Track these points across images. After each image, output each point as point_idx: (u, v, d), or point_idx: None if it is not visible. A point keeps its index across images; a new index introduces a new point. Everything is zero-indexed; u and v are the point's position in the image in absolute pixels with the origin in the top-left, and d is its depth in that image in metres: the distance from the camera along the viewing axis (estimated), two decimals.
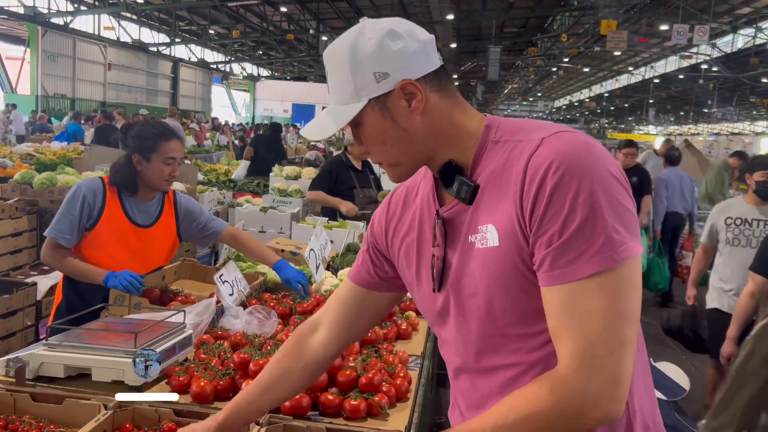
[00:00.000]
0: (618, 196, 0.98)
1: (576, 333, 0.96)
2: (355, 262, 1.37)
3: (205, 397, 1.72)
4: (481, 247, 1.06)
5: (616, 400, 0.96)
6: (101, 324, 2.02)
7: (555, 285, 0.98)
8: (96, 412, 1.61)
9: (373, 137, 1.12)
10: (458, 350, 1.16)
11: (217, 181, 7.46)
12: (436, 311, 1.18)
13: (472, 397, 1.16)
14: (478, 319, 1.09)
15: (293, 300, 2.57)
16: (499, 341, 1.08)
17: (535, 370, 1.05)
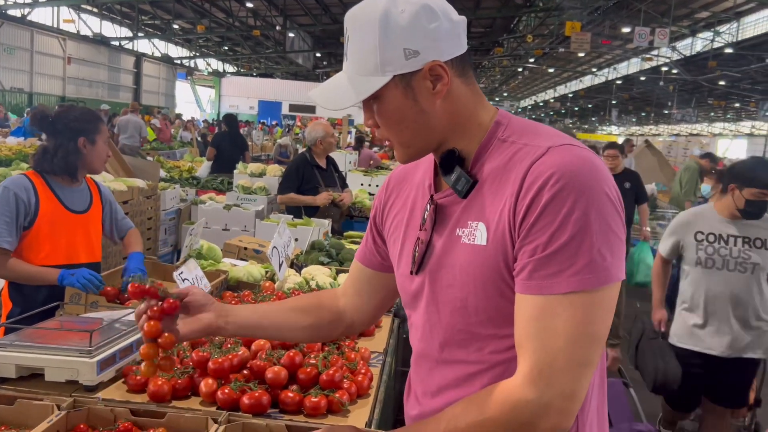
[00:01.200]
0: (610, 220, 0.98)
1: (539, 345, 0.97)
2: (362, 242, 1.38)
3: (162, 396, 1.69)
4: (467, 242, 1.06)
5: (566, 415, 0.98)
6: (55, 323, 1.97)
7: (529, 294, 0.99)
8: (49, 413, 1.57)
9: (390, 115, 1.08)
10: (424, 336, 1.17)
11: (180, 178, 7.34)
12: (410, 293, 1.19)
13: (429, 385, 1.17)
14: (449, 310, 1.10)
15: (255, 298, 2.55)
16: (466, 336, 1.09)
17: (495, 371, 1.06)
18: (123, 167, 5.84)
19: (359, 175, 6.70)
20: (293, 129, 22.40)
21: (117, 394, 1.73)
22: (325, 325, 1.37)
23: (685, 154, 17.22)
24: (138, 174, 5.82)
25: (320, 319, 1.37)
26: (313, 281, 3.01)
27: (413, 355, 1.24)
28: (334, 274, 3.25)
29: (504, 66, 34.92)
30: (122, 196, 4.97)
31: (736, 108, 41.49)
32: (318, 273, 3.19)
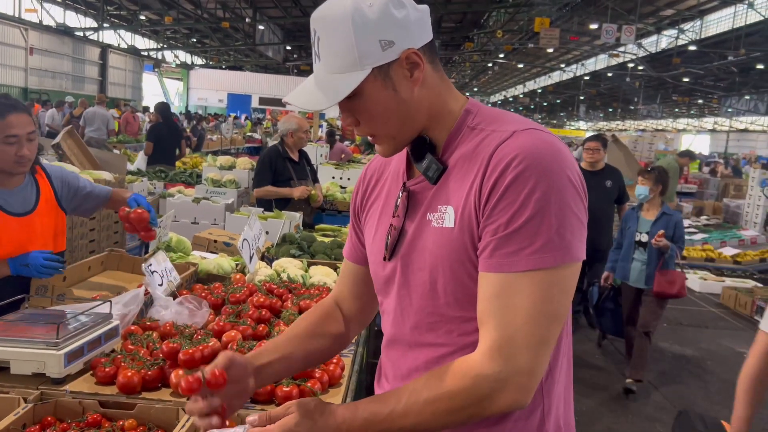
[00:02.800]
0: (571, 202, 1.01)
1: (499, 321, 1.00)
2: (347, 239, 1.39)
3: (132, 387, 1.68)
4: (436, 226, 1.09)
5: (524, 391, 1.01)
6: (20, 315, 1.93)
7: (491, 272, 1.01)
8: (15, 406, 1.55)
9: (371, 109, 1.09)
10: (395, 321, 1.19)
11: (147, 172, 7.23)
12: (383, 279, 1.21)
13: (400, 368, 1.20)
14: (420, 294, 1.12)
15: (226, 290, 2.54)
16: (435, 319, 1.11)
17: (464, 353, 1.08)
18: (89, 160, 5.73)
19: (331, 169, 6.69)
20: (265, 122, 22.20)
21: (85, 387, 1.71)
22: (337, 339, 1.37)
23: (650, 148, 17.57)
24: (105, 167, 5.71)
25: (332, 337, 1.36)
26: (284, 273, 3.01)
27: (384, 341, 1.26)
28: (305, 267, 3.25)
29: (474, 61, 35.15)
30: None
31: (699, 104, 42.48)
32: (289, 265, 3.18)
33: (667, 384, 4.85)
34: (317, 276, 3.05)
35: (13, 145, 2.20)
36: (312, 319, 1.37)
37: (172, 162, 8.05)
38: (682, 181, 12.66)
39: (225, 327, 2.06)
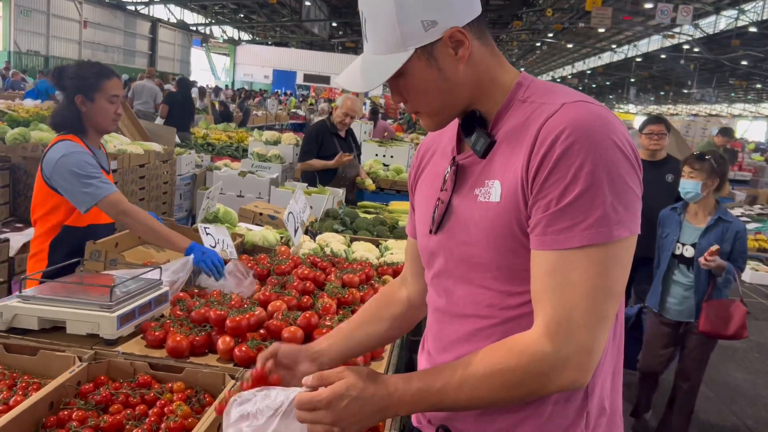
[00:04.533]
0: (624, 175, 0.98)
1: (556, 300, 0.98)
2: (408, 216, 1.39)
3: (180, 351, 1.72)
4: (482, 200, 1.08)
5: (583, 370, 0.99)
6: (76, 278, 2.00)
7: (544, 250, 0.99)
8: (71, 364, 1.61)
9: (416, 87, 1.10)
10: (439, 293, 1.20)
11: (195, 144, 7.36)
12: (428, 252, 1.21)
13: (442, 340, 1.20)
14: (464, 267, 1.12)
15: (272, 261, 2.57)
16: (479, 292, 1.11)
17: (506, 327, 1.07)
18: (139, 131, 5.86)
19: (374, 146, 6.68)
20: (308, 99, 22.29)
21: (136, 349, 1.76)
22: (400, 326, 1.41)
23: (703, 134, 16.97)
24: (154, 139, 5.84)
25: (394, 319, 1.39)
26: (328, 248, 3.03)
27: (428, 313, 1.27)
28: (348, 242, 3.26)
29: (522, 40, 34.43)
30: (139, 159, 5.00)
31: (758, 89, 40.73)
32: (332, 240, 3.20)
33: (712, 376, 4.73)
34: (359, 251, 3.06)
35: (114, 104, 2.48)
36: (374, 305, 1.42)
37: (185, 128, 8.66)
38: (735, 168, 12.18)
39: (270, 297, 2.09)
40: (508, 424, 1.10)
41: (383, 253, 3.13)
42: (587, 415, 1.10)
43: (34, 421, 1.40)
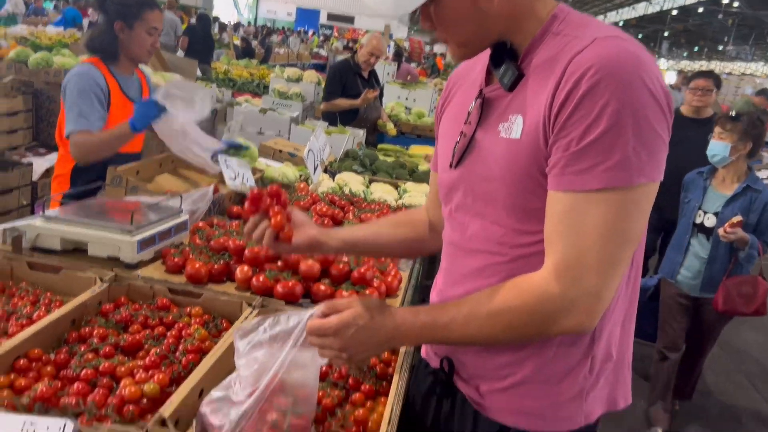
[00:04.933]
0: (652, 118, 0.94)
1: (568, 241, 0.97)
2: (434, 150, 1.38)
3: (199, 278, 1.74)
4: (504, 136, 1.05)
5: (590, 314, 0.98)
6: (98, 201, 2.02)
7: (561, 191, 0.97)
8: (92, 284, 1.64)
9: (448, 15, 1.06)
10: (454, 227, 1.20)
11: (216, 78, 7.29)
12: (447, 186, 1.20)
13: (453, 273, 1.20)
14: (481, 202, 1.11)
15: (291, 198, 2.58)
16: (493, 228, 1.10)
17: (516, 265, 1.07)
18: (161, 62, 5.81)
19: (397, 88, 6.58)
20: (330, 40, 21.89)
21: (155, 274, 1.78)
22: (418, 238, 1.43)
23: (736, 92, 16.47)
24: (175, 71, 5.79)
25: (414, 232, 1.42)
26: (347, 187, 3.02)
27: (443, 248, 1.27)
28: (366, 183, 3.25)
29: None
30: None
31: None
32: (351, 180, 3.19)
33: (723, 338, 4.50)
34: (378, 193, 3.05)
35: (152, 36, 2.52)
36: (397, 216, 1.46)
37: (206, 62, 8.85)
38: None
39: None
40: (511, 361, 1.11)
41: (402, 195, 3.12)
42: (592, 360, 1.10)
43: (57, 335, 1.44)
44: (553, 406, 1.10)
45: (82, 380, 1.28)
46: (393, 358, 1.53)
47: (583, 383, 1.10)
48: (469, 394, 1.18)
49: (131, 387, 1.25)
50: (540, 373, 1.09)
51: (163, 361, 1.37)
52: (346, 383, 1.41)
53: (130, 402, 1.23)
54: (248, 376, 1.08)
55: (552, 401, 1.10)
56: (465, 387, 1.19)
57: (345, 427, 1.25)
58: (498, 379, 1.12)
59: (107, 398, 1.23)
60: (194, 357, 1.39)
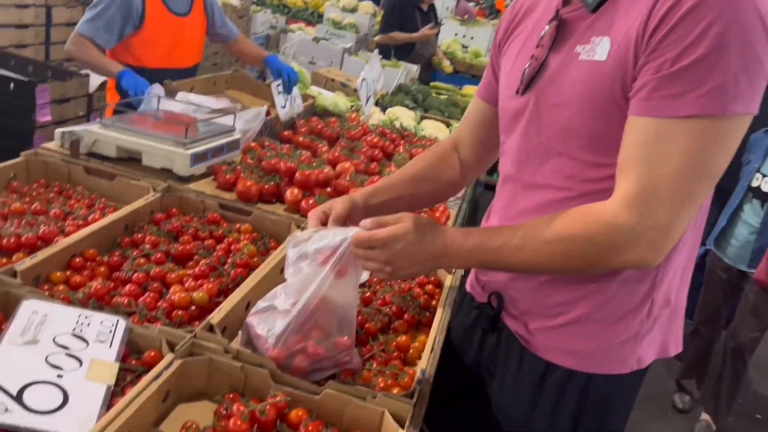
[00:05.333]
0: (758, 46, 0.85)
1: (644, 170, 0.90)
2: (482, 77, 1.31)
3: (249, 196, 1.75)
4: (585, 58, 0.97)
5: (657, 249, 0.93)
6: (155, 112, 2.02)
7: (645, 116, 0.90)
8: (145, 193, 1.66)
9: None
10: (516, 159, 1.12)
11: (271, 4, 7.18)
12: (511, 114, 1.13)
13: (510, 209, 1.15)
14: (550, 131, 1.04)
15: (342, 126, 2.54)
16: (561, 160, 1.04)
17: (582, 201, 1.00)
18: None
19: (455, 24, 6.36)
20: None
21: (206, 189, 1.79)
22: (449, 185, 1.35)
23: None
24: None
25: (444, 182, 1.34)
26: (398, 121, 2.97)
27: (500, 180, 1.21)
28: (417, 119, 3.19)
29: None
30: None
31: None
32: (402, 115, 3.13)
33: None
34: (429, 129, 2.99)
35: None
36: (426, 162, 1.34)
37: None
38: None
39: (339, 158, 2.08)
40: (567, 299, 1.07)
41: None
42: (651, 303, 1.06)
43: (111, 239, 1.47)
44: (605, 348, 1.07)
45: (134, 283, 1.31)
46: (437, 291, 1.52)
47: (639, 327, 1.06)
48: (517, 330, 1.16)
49: (181, 293, 1.27)
50: (596, 313, 1.05)
51: (212, 272, 1.39)
52: (389, 310, 1.41)
53: (179, 307, 1.25)
54: (294, 286, 1.08)
55: (605, 343, 1.07)
56: (513, 323, 1.17)
57: (386, 352, 1.26)
58: (550, 317, 1.09)
59: (157, 302, 1.26)
60: (242, 271, 1.40)
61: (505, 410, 1.21)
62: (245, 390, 1.08)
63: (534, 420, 1.16)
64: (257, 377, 1.07)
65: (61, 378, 0.95)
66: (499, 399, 1.22)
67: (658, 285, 1.05)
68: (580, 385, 1.10)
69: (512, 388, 1.18)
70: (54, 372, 0.95)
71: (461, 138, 1.35)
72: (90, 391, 0.95)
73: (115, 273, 1.35)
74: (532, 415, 1.16)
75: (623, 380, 1.10)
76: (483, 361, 1.26)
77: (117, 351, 1.04)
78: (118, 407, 0.91)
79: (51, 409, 0.89)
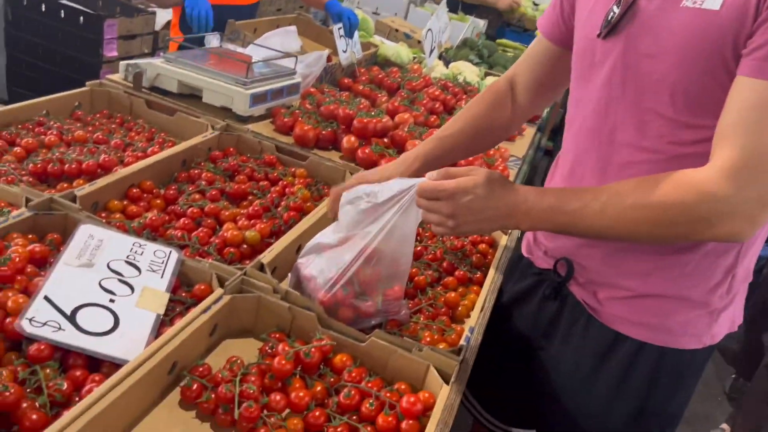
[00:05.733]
0: None
1: (752, 138, 0.81)
2: (546, 10, 1.21)
3: (306, 141, 1.72)
4: (690, 5, 0.87)
5: (754, 223, 0.85)
6: (218, 50, 2.01)
7: (759, 78, 0.81)
8: (204, 130, 1.66)
9: None
10: (595, 113, 1.03)
11: None
12: (589, 60, 1.03)
13: (583, 167, 1.07)
14: (640, 83, 0.95)
15: (403, 77, 2.48)
16: (651, 118, 0.95)
17: (668, 165, 0.92)
18: None
19: None
20: None
21: (264, 131, 1.78)
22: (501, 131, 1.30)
23: None
24: None
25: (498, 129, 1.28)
26: (461, 76, 2.87)
27: (571, 133, 1.12)
28: (482, 75, 3.08)
29: None
30: None
31: None
32: (466, 70, 3.03)
33: None
34: None
35: None
36: (482, 109, 1.27)
37: None
38: None
39: (399, 109, 2.03)
40: (641, 270, 1.01)
41: None
42: (732, 278, 0.99)
43: (168, 172, 1.47)
44: (682, 323, 1.01)
45: (188, 217, 1.31)
46: (490, 251, 1.48)
47: (719, 302, 1.00)
48: (584, 298, 1.10)
49: (233, 231, 1.27)
50: (674, 286, 0.99)
51: (265, 213, 1.38)
52: (440, 266, 1.38)
53: (231, 245, 1.25)
54: (347, 228, 1.06)
55: (682, 317, 1.01)
56: (580, 291, 1.11)
57: (434, 307, 1.23)
58: (624, 288, 1.04)
59: (210, 237, 1.26)
60: (295, 215, 1.39)
61: (562, 377, 1.17)
62: (291, 331, 1.08)
63: (597, 389, 1.12)
64: (304, 319, 1.06)
65: (113, 303, 0.96)
66: (557, 365, 1.18)
67: (742, 259, 0.98)
68: (652, 359, 1.05)
69: (574, 355, 1.14)
70: (107, 296, 0.96)
71: (518, 77, 1.27)
72: (140, 317, 0.96)
73: (171, 206, 1.36)
74: (596, 385, 1.12)
75: (696, 355, 1.05)
76: (540, 327, 1.21)
77: (168, 282, 1.05)
78: (166, 335, 0.92)
79: (102, 331, 0.90)
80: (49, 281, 0.93)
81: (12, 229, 1.07)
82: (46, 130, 1.51)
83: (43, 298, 0.90)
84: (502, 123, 1.27)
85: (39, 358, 0.85)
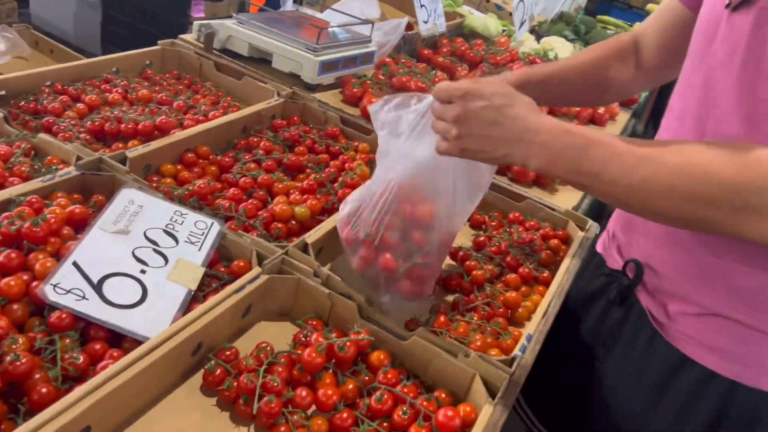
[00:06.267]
0: None
1: None
2: None
3: None
4: None
5: None
6: (292, 14, 1.94)
7: None
8: (269, 96, 1.59)
9: None
10: (701, 96, 0.86)
11: None
12: (711, 34, 0.85)
13: None
14: (764, 69, 0.77)
15: (487, 50, 2.32)
16: (766, 111, 0.77)
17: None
18: None
19: None
20: None
21: (332, 101, 1.70)
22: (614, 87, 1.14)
23: None
24: None
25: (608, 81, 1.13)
26: (552, 52, 2.67)
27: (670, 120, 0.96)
28: (576, 53, 2.86)
29: None
30: None
31: None
32: (559, 46, 2.82)
33: None
34: None
35: None
36: (600, 53, 1.12)
37: None
38: None
39: None
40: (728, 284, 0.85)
41: None
42: None
43: (227, 139, 1.42)
44: (761, 356, 0.86)
45: (239, 187, 1.25)
46: (563, 247, 1.34)
47: None
48: (652, 310, 0.96)
49: (283, 205, 1.20)
50: (759, 312, 0.83)
51: (319, 188, 1.30)
52: (503, 260, 1.26)
53: (279, 219, 1.18)
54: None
55: (762, 349, 0.85)
56: (649, 301, 0.97)
57: (491, 306, 1.12)
58: (696, 303, 0.89)
59: (259, 210, 1.20)
60: (351, 191, 1.30)
61: (620, 396, 1.04)
62: (330, 318, 1.00)
63: (656, 414, 0.98)
64: (344, 308, 0.98)
65: (144, 273, 0.91)
66: (614, 382, 1.05)
67: None
68: (720, 392, 0.90)
69: (634, 374, 1.00)
70: (138, 266, 0.91)
71: (646, 35, 1.11)
72: (170, 292, 0.90)
73: (224, 175, 1.31)
74: (655, 410, 0.98)
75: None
76: (601, 335, 1.08)
77: (206, 255, 0.99)
78: (193, 314, 0.86)
79: (127, 303, 0.86)
80: (80, 246, 0.89)
81: (58, 188, 1.05)
82: (112, 87, 1.50)
83: (71, 263, 0.87)
84: (620, 78, 1.12)
85: (59, 327, 0.81)
